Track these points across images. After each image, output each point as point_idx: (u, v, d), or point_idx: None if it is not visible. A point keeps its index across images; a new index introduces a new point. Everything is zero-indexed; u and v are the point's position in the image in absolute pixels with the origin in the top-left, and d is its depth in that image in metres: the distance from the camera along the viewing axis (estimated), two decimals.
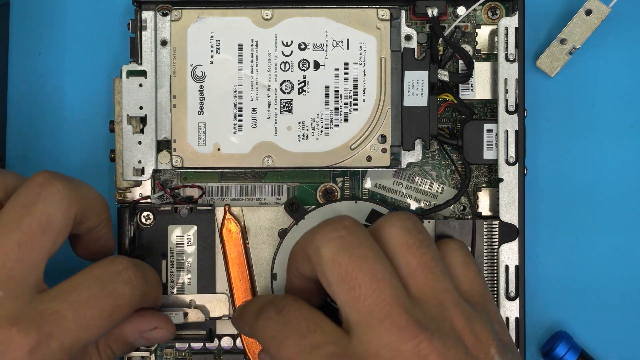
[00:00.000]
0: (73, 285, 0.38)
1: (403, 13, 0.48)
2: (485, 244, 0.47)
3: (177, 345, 0.49)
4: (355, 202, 0.48)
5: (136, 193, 0.48)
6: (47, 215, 0.38)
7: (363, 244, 0.38)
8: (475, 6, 0.48)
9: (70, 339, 0.37)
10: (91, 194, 0.41)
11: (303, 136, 0.47)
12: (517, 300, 0.47)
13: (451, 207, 0.49)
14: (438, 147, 0.49)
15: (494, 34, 0.49)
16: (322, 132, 0.47)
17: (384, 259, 0.38)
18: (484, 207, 0.49)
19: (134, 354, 0.48)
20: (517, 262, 0.47)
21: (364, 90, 0.47)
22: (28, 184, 0.39)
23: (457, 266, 0.41)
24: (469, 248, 0.47)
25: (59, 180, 0.39)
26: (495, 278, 0.47)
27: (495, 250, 0.47)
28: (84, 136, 0.51)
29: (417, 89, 0.47)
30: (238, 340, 0.49)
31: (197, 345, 0.49)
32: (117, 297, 0.39)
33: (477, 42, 0.49)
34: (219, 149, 0.47)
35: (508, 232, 0.47)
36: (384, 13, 0.47)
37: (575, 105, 0.51)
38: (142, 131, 0.47)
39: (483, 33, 0.49)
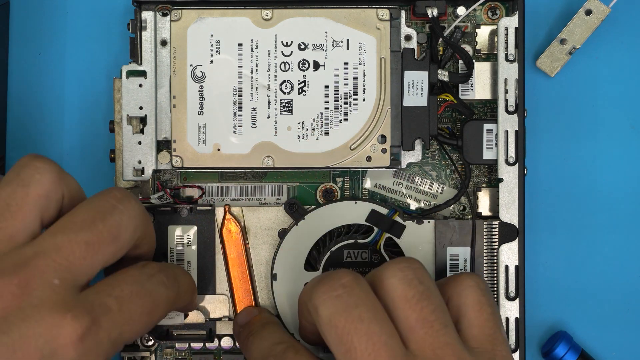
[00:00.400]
0: (115, 282, 0.39)
1: (403, 13, 0.48)
2: (485, 244, 0.47)
3: (177, 345, 0.49)
4: (355, 202, 0.48)
5: (136, 193, 0.48)
6: (118, 226, 0.39)
7: (360, 304, 0.38)
8: (475, 6, 0.48)
9: (116, 331, 0.37)
10: (152, 228, 0.43)
11: (303, 136, 0.47)
12: (517, 300, 0.47)
13: (451, 207, 0.49)
14: (438, 147, 0.49)
15: (494, 34, 0.49)
16: (322, 132, 0.47)
17: (382, 318, 0.38)
18: (484, 207, 0.49)
19: (134, 354, 0.48)
20: (517, 262, 0.47)
21: (363, 91, 0.47)
22: (106, 195, 0.40)
23: (468, 307, 0.41)
24: (471, 250, 0.47)
25: (135, 200, 0.40)
26: (495, 278, 0.47)
27: (495, 250, 0.47)
28: (84, 136, 0.51)
29: (417, 89, 0.47)
30: None
31: (197, 346, 0.49)
32: (155, 296, 0.40)
33: (477, 42, 0.49)
34: (219, 149, 0.47)
35: (508, 232, 0.47)
36: (384, 13, 0.47)
37: (575, 105, 0.51)
38: (142, 131, 0.47)
39: (483, 33, 0.49)
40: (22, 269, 0.36)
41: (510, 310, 0.47)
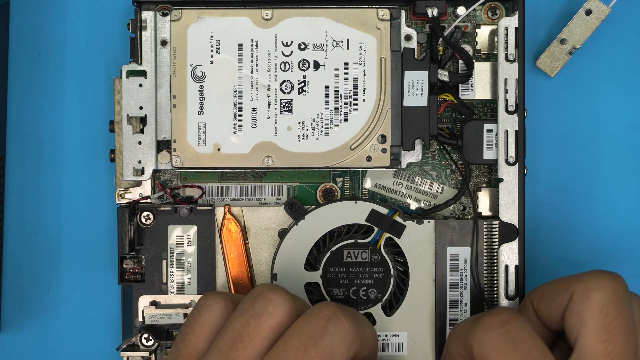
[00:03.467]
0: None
1: (403, 13, 0.48)
2: (485, 244, 0.47)
3: None
4: (355, 202, 0.48)
5: (136, 193, 0.48)
6: (331, 349, 0.39)
7: (520, 340, 0.39)
8: (475, 6, 0.48)
9: None
10: (369, 330, 0.42)
11: (303, 136, 0.47)
12: (517, 300, 0.47)
13: (451, 207, 0.49)
14: (438, 146, 0.49)
15: (494, 34, 0.49)
16: (322, 132, 0.47)
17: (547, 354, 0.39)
18: (484, 207, 0.49)
19: (134, 353, 0.48)
20: (517, 262, 0.47)
21: (364, 90, 0.47)
22: (315, 316, 0.40)
23: (587, 323, 0.40)
24: (471, 248, 0.47)
25: (344, 316, 0.40)
26: (495, 278, 0.47)
27: (495, 250, 0.47)
28: (84, 136, 0.51)
29: (417, 89, 0.47)
30: None
31: None
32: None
33: (477, 42, 0.49)
34: (219, 149, 0.47)
35: (508, 232, 0.47)
36: (384, 13, 0.47)
37: (575, 105, 0.51)
38: (142, 131, 0.47)
39: (483, 33, 0.49)
40: None
41: None
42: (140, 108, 0.47)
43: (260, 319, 0.39)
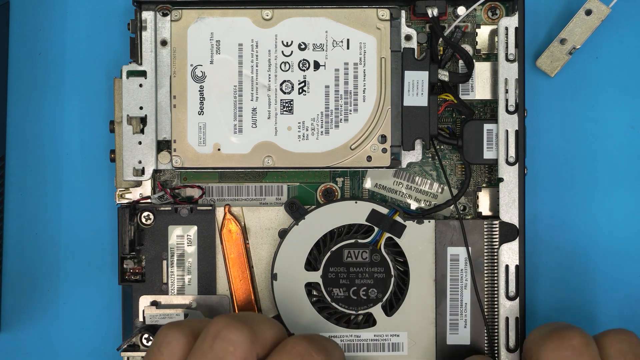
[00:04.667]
0: None
1: (403, 13, 0.48)
2: (485, 244, 0.47)
3: None
4: (356, 202, 0.48)
5: (136, 193, 0.48)
6: None
7: None
8: (475, 6, 0.48)
9: None
10: (339, 355, 0.42)
11: (303, 136, 0.47)
12: (517, 300, 0.47)
13: (451, 207, 0.49)
14: (438, 146, 0.49)
15: (494, 34, 0.49)
16: (322, 132, 0.47)
17: None
18: (484, 207, 0.49)
19: (134, 354, 0.48)
20: (517, 262, 0.47)
21: (364, 90, 0.47)
22: (289, 353, 0.40)
23: None
24: (466, 248, 0.47)
25: (316, 350, 0.40)
26: (496, 278, 0.47)
27: (495, 250, 0.47)
28: (84, 136, 0.51)
29: (417, 89, 0.47)
30: None
31: None
32: None
33: (477, 42, 0.49)
34: (219, 149, 0.47)
35: (508, 232, 0.47)
36: (384, 13, 0.47)
37: (575, 105, 0.51)
38: (142, 131, 0.47)
39: (483, 33, 0.49)
40: None
41: (510, 310, 0.47)
42: (141, 108, 0.47)
43: None
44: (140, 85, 0.47)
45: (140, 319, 0.48)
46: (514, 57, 0.47)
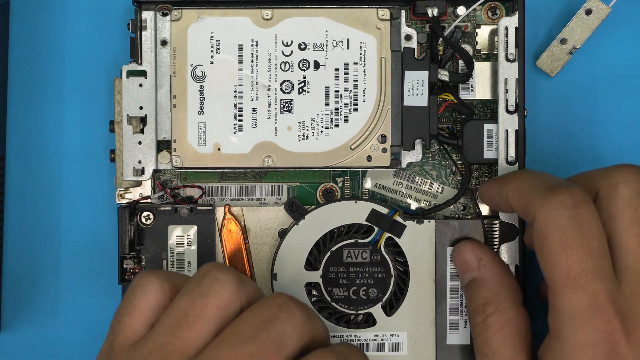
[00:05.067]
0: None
1: (403, 13, 0.48)
2: (485, 244, 0.47)
3: None
4: (356, 202, 0.48)
5: (136, 193, 0.48)
6: (282, 335, 0.39)
7: (585, 228, 0.38)
8: (475, 6, 0.48)
9: None
10: (321, 326, 0.42)
11: (303, 136, 0.47)
12: None
13: (451, 207, 0.49)
14: (438, 146, 0.49)
15: (494, 33, 0.49)
16: (322, 132, 0.47)
17: (603, 251, 0.38)
18: (484, 207, 0.49)
19: None
20: (517, 262, 0.47)
21: (364, 90, 0.47)
22: (268, 303, 0.40)
23: (619, 215, 0.39)
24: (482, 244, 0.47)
25: (296, 306, 0.40)
26: None
27: (496, 250, 0.47)
28: (84, 136, 0.51)
29: (417, 88, 0.47)
30: None
31: None
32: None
33: (477, 42, 0.49)
34: (219, 149, 0.47)
35: (508, 232, 0.47)
36: (384, 13, 0.47)
37: (575, 105, 0.51)
38: (142, 131, 0.47)
39: (483, 33, 0.49)
40: None
41: None
42: (141, 108, 0.47)
43: (206, 298, 0.39)
44: (140, 85, 0.47)
45: None
46: (514, 57, 0.47)
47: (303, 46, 0.47)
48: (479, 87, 0.49)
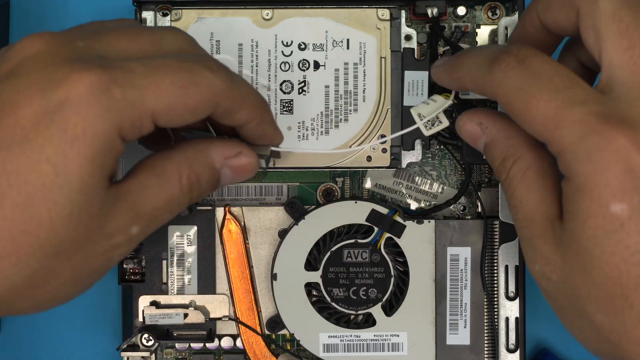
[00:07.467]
0: (147, 54, 0.37)
1: (403, 13, 0.48)
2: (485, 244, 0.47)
3: (177, 345, 0.49)
4: (355, 202, 0.48)
5: None
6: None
7: (547, 71, 0.36)
8: (475, 6, 0.48)
9: (133, 91, 0.35)
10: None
11: (303, 136, 0.47)
12: (517, 300, 0.47)
13: (451, 207, 0.49)
14: (438, 146, 0.49)
15: (494, 34, 0.49)
16: (322, 132, 0.47)
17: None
18: (483, 207, 0.49)
19: (134, 353, 0.48)
20: (517, 262, 0.47)
21: (364, 90, 0.47)
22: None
23: (603, 27, 0.37)
24: (481, 249, 0.47)
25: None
26: (496, 278, 0.47)
27: (496, 250, 0.47)
28: None
29: (417, 89, 0.47)
30: (238, 340, 0.49)
31: (197, 346, 0.49)
32: (195, 74, 0.36)
33: (477, 42, 0.49)
34: None
35: (508, 232, 0.47)
36: (384, 13, 0.47)
37: None
38: None
39: (483, 33, 0.49)
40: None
41: (510, 310, 0.47)
42: None
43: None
44: None
45: (140, 319, 0.48)
46: None
47: (303, 46, 0.47)
48: None
